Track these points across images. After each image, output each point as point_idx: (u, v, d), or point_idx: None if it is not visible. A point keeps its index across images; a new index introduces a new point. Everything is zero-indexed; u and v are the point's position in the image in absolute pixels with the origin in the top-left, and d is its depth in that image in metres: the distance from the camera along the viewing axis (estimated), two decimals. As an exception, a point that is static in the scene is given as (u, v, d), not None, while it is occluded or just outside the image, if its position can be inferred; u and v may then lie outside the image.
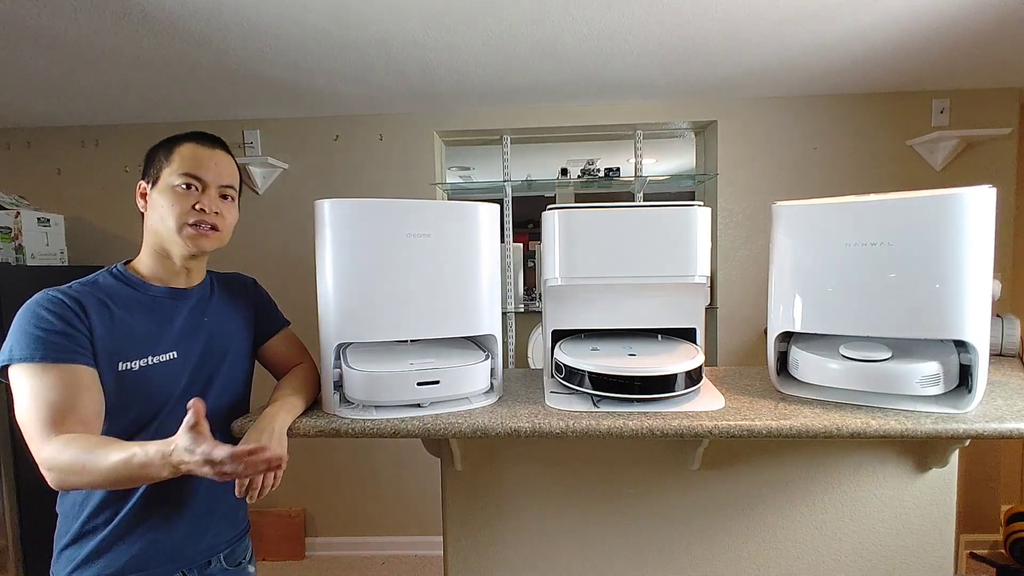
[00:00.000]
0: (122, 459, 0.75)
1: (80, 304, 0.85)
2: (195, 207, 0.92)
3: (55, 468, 0.77)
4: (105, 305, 0.88)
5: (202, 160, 0.93)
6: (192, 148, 0.94)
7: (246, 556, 1.09)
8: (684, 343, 1.12)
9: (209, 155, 0.95)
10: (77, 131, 2.43)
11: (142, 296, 0.94)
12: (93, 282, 0.92)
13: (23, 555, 1.87)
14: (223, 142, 1.00)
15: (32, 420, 0.80)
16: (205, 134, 0.98)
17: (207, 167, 0.93)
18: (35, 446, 0.79)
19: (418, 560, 2.49)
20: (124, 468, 0.75)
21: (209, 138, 0.97)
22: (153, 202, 0.93)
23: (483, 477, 1.20)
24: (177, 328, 0.95)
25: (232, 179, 0.98)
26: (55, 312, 0.83)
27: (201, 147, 0.95)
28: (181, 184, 0.91)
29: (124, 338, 0.88)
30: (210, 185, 0.94)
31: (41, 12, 1.42)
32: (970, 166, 2.24)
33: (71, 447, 0.77)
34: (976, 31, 1.67)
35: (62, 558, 0.91)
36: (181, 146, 0.94)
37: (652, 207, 1.02)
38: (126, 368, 0.87)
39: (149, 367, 0.90)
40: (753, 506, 1.17)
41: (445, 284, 1.00)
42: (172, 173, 0.92)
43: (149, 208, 0.94)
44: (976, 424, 0.86)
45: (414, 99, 2.23)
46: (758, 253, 2.36)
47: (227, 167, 0.97)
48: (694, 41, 1.71)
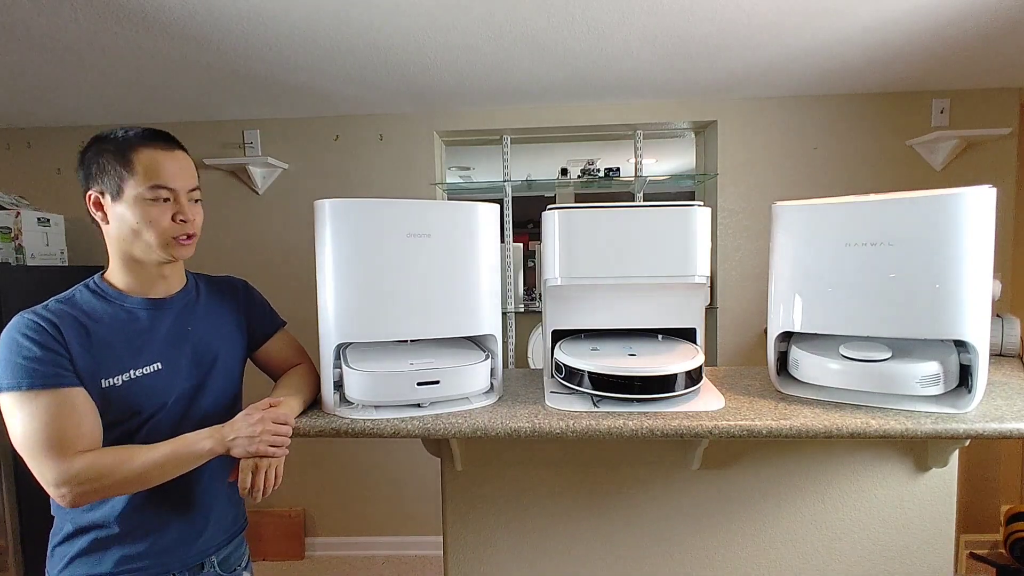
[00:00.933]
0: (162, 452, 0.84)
1: (56, 327, 0.84)
2: (175, 218, 0.89)
3: (78, 479, 0.79)
4: (81, 324, 0.86)
5: (166, 167, 0.89)
6: (151, 154, 0.88)
7: (242, 562, 1.08)
8: (684, 343, 1.12)
9: (172, 160, 0.90)
10: (77, 131, 2.43)
11: (119, 310, 0.91)
12: (70, 299, 0.89)
13: (23, 555, 1.87)
14: (177, 140, 0.94)
15: (40, 446, 0.79)
16: (159, 133, 0.92)
17: (173, 173, 0.89)
18: (48, 467, 0.79)
19: (418, 560, 2.49)
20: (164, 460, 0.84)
21: (165, 138, 0.92)
22: (119, 215, 0.88)
23: (483, 477, 1.20)
24: (160, 339, 0.93)
25: (196, 180, 0.95)
26: (33, 338, 0.82)
27: (160, 151, 0.89)
28: (152, 197, 0.87)
29: (103, 355, 0.86)
30: (180, 192, 0.90)
31: (40, 12, 1.42)
32: (970, 166, 2.24)
33: (104, 458, 0.82)
34: (976, 31, 1.66)
35: (55, 555, 0.91)
36: (138, 152, 0.87)
37: (652, 207, 1.02)
38: (109, 384, 0.86)
39: (133, 381, 0.88)
40: (753, 506, 1.17)
41: (445, 284, 1.00)
42: (138, 185, 0.86)
43: (113, 220, 0.89)
44: (976, 424, 0.86)
45: (414, 99, 2.23)
46: (758, 253, 2.36)
47: (189, 168, 0.93)
48: (694, 41, 1.71)
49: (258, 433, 0.87)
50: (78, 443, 0.81)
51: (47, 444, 0.79)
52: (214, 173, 2.42)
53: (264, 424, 0.88)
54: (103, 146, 0.88)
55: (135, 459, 0.82)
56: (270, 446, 0.88)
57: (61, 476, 0.79)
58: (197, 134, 2.38)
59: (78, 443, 0.81)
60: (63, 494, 0.80)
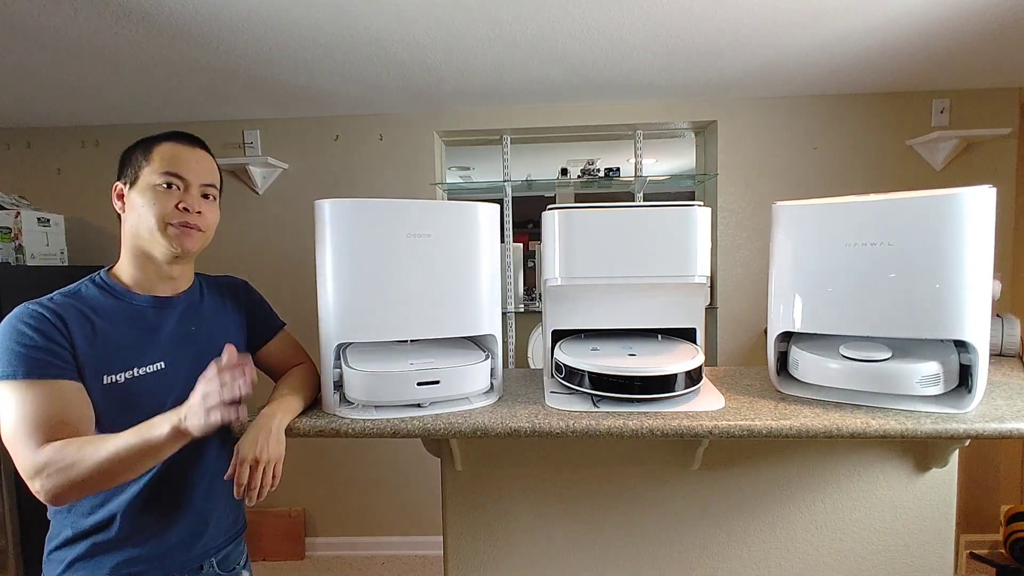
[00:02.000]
0: (125, 439, 0.77)
1: (61, 318, 0.83)
2: (178, 206, 0.90)
3: (47, 470, 0.75)
4: (87, 318, 0.86)
5: (183, 159, 0.92)
6: (172, 147, 0.92)
7: (240, 561, 1.07)
8: (684, 343, 1.12)
9: (190, 154, 0.93)
10: (77, 131, 2.43)
11: (125, 306, 0.91)
12: (75, 293, 0.89)
13: (23, 555, 1.88)
14: (203, 141, 0.98)
15: (19, 435, 0.77)
16: (185, 133, 0.96)
17: (188, 166, 0.92)
18: (22, 456, 0.77)
19: (418, 560, 2.49)
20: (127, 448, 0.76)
21: (189, 137, 0.96)
22: (132, 202, 0.91)
23: (483, 477, 1.20)
24: (164, 338, 0.93)
25: (213, 178, 0.97)
26: (36, 327, 0.81)
27: (181, 146, 0.93)
28: (162, 183, 0.89)
29: (107, 351, 0.86)
30: (192, 184, 0.92)
31: (41, 12, 1.42)
32: (970, 166, 2.24)
33: (69, 447, 0.76)
34: (976, 31, 1.67)
35: (52, 560, 0.90)
36: (160, 145, 0.92)
37: (652, 207, 1.02)
38: (111, 381, 0.86)
39: (135, 379, 0.88)
40: (753, 506, 1.17)
41: (445, 284, 1.00)
42: (152, 172, 0.90)
43: (127, 209, 0.92)
44: (976, 424, 0.86)
45: (414, 99, 2.23)
46: (758, 253, 2.36)
47: (208, 166, 0.96)
48: (694, 41, 1.71)
49: (210, 392, 0.75)
50: (56, 433, 0.78)
51: (26, 434, 0.77)
52: (214, 173, 2.42)
53: (212, 383, 0.76)
54: (137, 143, 0.94)
55: (100, 448, 0.77)
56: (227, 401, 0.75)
57: (32, 466, 0.76)
58: (197, 134, 2.37)
59: (56, 433, 0.78)
60: (37, 488, 0.77)
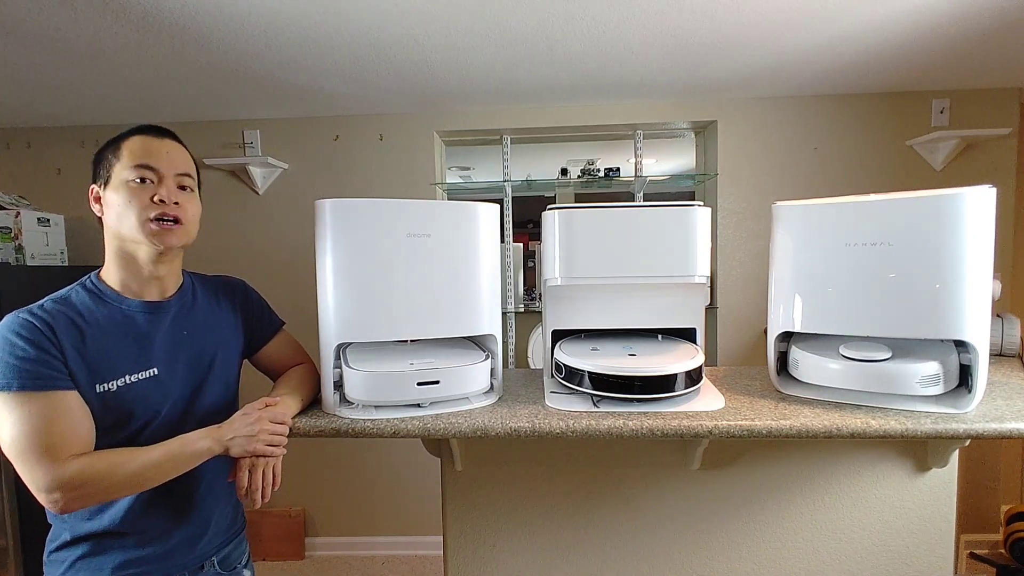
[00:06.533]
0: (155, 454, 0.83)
1: (50, 327, 0.82)
2: (153, 199, 0.87)
3: (71, 484, 0.77)
4: (76, 326, 0.85)
5: (153, 150, 0.89)
6: (141, 140, 0.90)
7: (242, 560, 1.07)
8: (684, 343, 1.12)
9: (159, 144, 0.91)
10: (77, 131, 2.43)
11: (116, 313, 0.89)
12: (65, 299, 0.87)
13: (23, 555, 1.87)
14: (173, 133, 0.95)
15: (30, 447, 0.77)
16: (153, 126, 0.93)
17: (159, 156, 0.89)
18: (41, 471, 0.77)
19: (418, 560, 2.49)
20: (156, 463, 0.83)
21: (157, 129, 0.93)
22: (108, 202, 0.89)
23: (483, 477, 1.20)
24: (156, 344, 0.92)
25: (187, 167, 0.94)
26: (27, 338, 0.80)
27: (150, 138, 0.91)
28: (135, 178, 0.87)
29: (97, 360, 0.85)
30: (165, 175, 0.89)
31: (41, 13, 1.42)
32: (970, 166, 2.24)
33: (98, 461, 0.80)
34: (976, 31, 1.66)
35: (52, 561, 0.90)
36: (128, 140, 0.90)
37: (652, 207, 1.02)
38: (104, 389, 0.85)
39: (128, 386, 0.87)
40: (753, 506, 1.17)
41: (445, 284, 1.00)
42: (123, 168, 0.87)
43: (105, 210, 0.90)
44: (976, 424, 0.86)
45: (414, 99, 2.23)
46: (758, 253, 2.36)
47: (180, 155, 0.93)
48: (694, 41, 1.71)
49: (256, 432, 0.87)
50: (71, 447, 0.79)
51: (39, 448, 0.77)
52: (214, 173, 2.42)
53: (261, 423, 0.89)
54: (107, 144, 0.91)
55: (131, 462, 0.81)
56: (268, 445, 0.88)
57: (54, 481, 0.76)
58: (197, 134, 2.38)
59: (71, 447, 0.79)
60: (55, 500, 0.77)
